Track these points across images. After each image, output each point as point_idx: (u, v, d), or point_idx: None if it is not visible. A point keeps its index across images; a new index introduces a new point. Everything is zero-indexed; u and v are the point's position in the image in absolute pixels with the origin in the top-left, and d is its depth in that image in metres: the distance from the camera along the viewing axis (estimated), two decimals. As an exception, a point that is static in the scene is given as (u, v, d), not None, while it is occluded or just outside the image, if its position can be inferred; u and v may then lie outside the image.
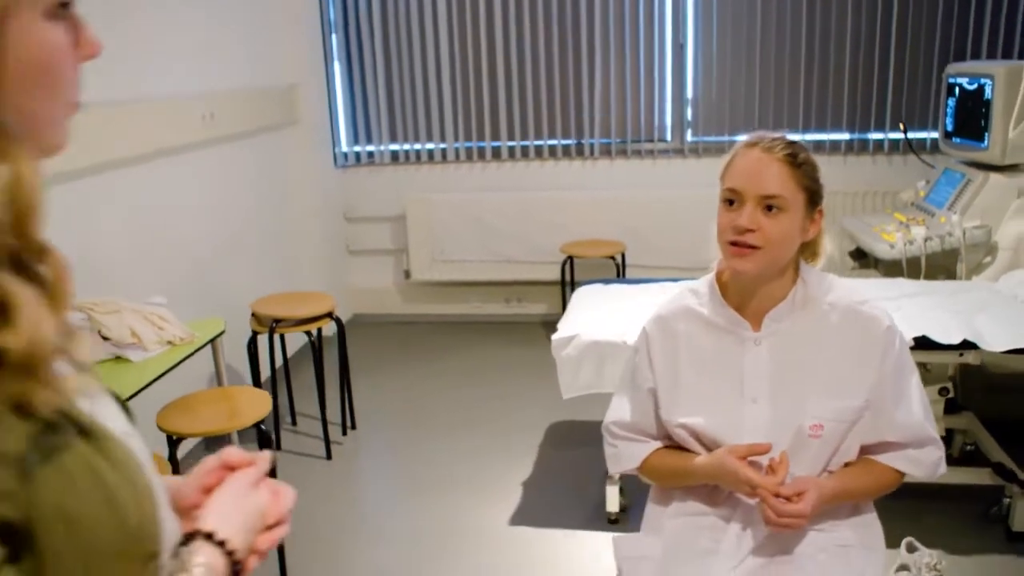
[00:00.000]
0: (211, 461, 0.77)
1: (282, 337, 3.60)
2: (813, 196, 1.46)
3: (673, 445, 1.64)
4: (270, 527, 0.74)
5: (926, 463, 1.53)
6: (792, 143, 1.46)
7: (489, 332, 4.68)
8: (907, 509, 1.61)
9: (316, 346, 3.24)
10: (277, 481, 0.79)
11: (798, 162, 1.44)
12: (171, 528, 0.64)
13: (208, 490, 0.74)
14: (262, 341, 3.29)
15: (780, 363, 1.50)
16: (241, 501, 0.72)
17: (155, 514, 0.60)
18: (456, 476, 3.12)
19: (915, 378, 1.54)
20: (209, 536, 0.66)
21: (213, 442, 2.99)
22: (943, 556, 2.27)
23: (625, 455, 1.65)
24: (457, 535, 2.75)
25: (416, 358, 4.35)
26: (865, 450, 1.54)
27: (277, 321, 3.14)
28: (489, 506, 2.89)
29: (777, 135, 1.48)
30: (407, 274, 4.78)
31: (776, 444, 1.48)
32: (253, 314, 3.25)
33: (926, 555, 2.35)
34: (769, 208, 1.42)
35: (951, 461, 1.58)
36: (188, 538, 0.66)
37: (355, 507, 3.00)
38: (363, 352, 4.35)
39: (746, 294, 1.52)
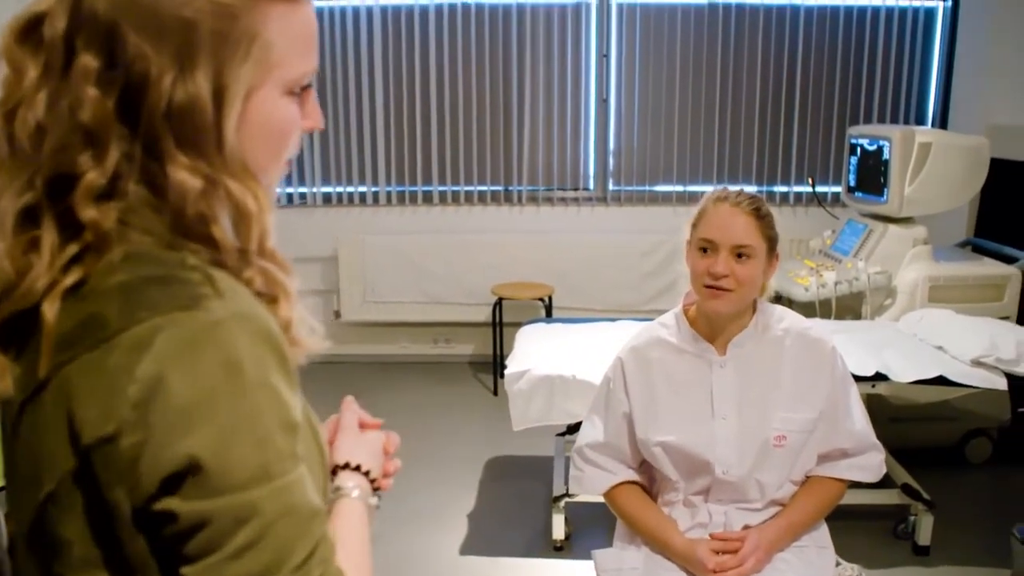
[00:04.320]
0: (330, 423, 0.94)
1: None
2: (772, 243, 1.67)
3: (640, 480, 1.79)
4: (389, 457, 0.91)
5: (870, 467, 1.76)
6: (754, 197, 1.66)
7: (418, 372, 4.75)
8: (828, 528, 1.84)
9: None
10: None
11: (761, 215, 1.65)
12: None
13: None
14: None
15: (744, 383, 1.69)
16: (359, 437, 0.89)
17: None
18: (402, 510, 3.18)
19: (854, 390, 1.77)
20: (346, 466, 0.83)
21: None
22: (862, 570, 2.51)
23: (589, 481, 1.79)
24: (410, 564, 2.82)
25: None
26: (820, 458, 1.74)
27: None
28: (440, 537, 2.97)
29: (739, 190, 1.68)
30: (337, 314, 4.82)
31: (744, 455, 1.66)
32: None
33: (848, 568, 2.58)
34: (740, 256, 1.62)
35: (863, 486, 1.82)
36: (333, 472, 0.82)
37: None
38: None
39: (715, 326, 1.71)
